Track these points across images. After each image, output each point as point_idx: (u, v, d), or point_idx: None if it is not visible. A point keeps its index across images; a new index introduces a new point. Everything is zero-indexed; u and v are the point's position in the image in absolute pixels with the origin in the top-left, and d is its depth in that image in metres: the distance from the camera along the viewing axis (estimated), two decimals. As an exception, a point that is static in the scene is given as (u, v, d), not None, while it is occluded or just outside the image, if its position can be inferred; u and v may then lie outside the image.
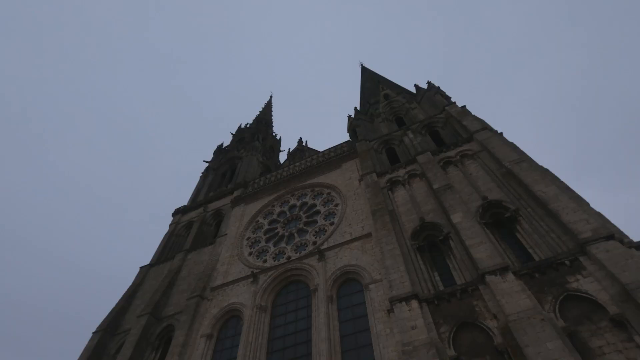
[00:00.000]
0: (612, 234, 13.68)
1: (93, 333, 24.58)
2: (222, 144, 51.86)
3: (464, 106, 28.26)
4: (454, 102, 29.82)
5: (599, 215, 15.40)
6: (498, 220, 18.27)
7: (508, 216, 17.79)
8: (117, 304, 27.06)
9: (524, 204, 17.71)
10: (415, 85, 38.66)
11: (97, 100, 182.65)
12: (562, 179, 18.03)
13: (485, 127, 24.14)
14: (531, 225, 16.67)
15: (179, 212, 36.98)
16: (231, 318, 21.70)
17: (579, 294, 13.00)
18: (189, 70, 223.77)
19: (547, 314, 12.67)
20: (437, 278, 17.08)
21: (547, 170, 19.06)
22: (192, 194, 40.82)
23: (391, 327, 15.55)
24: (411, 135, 28.58)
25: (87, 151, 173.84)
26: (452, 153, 23.94)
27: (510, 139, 22.53)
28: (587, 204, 15.99)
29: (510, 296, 13.43)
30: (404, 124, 32.33)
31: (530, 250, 16.00)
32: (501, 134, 23.58)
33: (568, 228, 14.73)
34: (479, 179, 20.94)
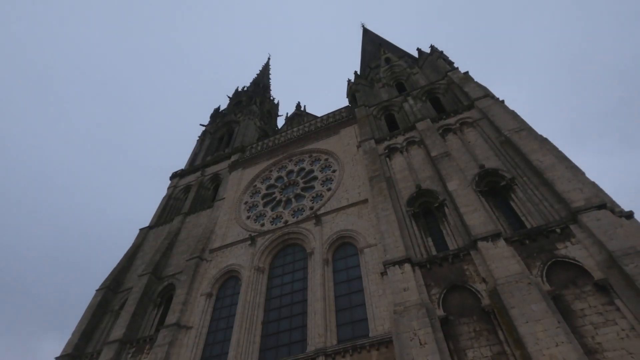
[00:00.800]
0: (604, 204, 13.91)
1: (96, 290, 25.46)
2: (219, 108, 50.97)
3: (467, 72, 27.57)
4: (457, 68, 29.06)
5: (593, 185, 15.58)
6: (493, 188, 18.47)
7: (503, 185, 17.96)
8: (119, 264, 27.81)
9: (520, 172, 17.82)
10: (418, 49, 37.40)
11: (90, 58, 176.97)
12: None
13: (487, 94, 23.71)
14: (526, 194, 16.89)
15: (176, 176, 37.07)
16: (230, 278, 22.44)
17: (567, 260, 13.44)
18: (186, 30, 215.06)
19: (535, 279, 13.17)
20: (431, 243, 17.52)
21: (546, 139, 18.99)
22: (190, 158, 40.70)
23: (384, 289, 16.17)
24: (411, 102, 28.09)
25: (84, 111, 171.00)
26: (451, 120, 23.68)
27: (511, 107, 22.25)
28: (583, 174, 16.11)
29: (500, 261, 13.88)
30: (405, 90, 31.68)
31: (523, 218, 16.32)
32: (502, 101, 23.22)
33: (562, 197, 14.94)
34: (477, 147, 20.90)
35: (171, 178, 37.35)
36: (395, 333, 13.86)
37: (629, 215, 13.68)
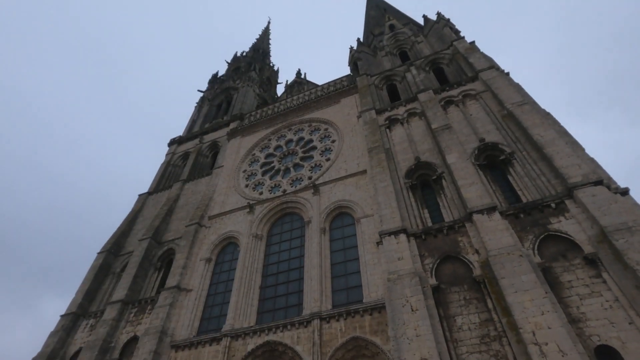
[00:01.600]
0: (601, 180, 14.00)
1: (98, 253, 26.01)
2: (217, 73, 49.70)
3: (473, 42, 26.73)
4: (463, 37, 28.12)
5: (592, 161, 15.60)
6: (492, 162, 18.49)
7: (502, 159, 17.95)
8: (119, 228, 28.23)
9: (519, 147, 17.76)
10: (424, 16, 35.97)
11: (87, 20, 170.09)
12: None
13: (492, 65, 23.13)
14: (524, 169, 16.93)
15: (174, 143, 36.81)
16: (228, 244, 22.89)
17: (559, 234, 13.72)
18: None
19: (526, 251, 13.50)
20: (427, 215, 17.77)
21: (548, 114, 18.79)
22: (188, 125, 40.24)
23: (379, 258, 16.58)
24: (414, 72, 27.43)
25: (84, 74, 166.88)
26: (454, 92, 23.26)
27: (516, 79, 21.79)
28: (583, 150, 16.09)
29: (494, 234, 14.16)
30: (408, 59, 30.84)
31: (519, 192, 16.46)
32: (508, 74, 22.71)
33: (559, 172, 15.00)
34: (479, 120, 20.68)
35: (169, 145, 37.10)
36: (388, 299, 14.38)
37: (624, 192, 13.82)
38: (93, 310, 22.62)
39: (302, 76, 40.11)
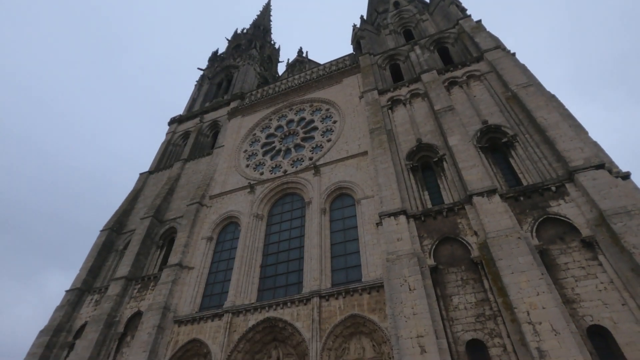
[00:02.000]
0: (603, 164, 13.95)
1: (100, 231, 26.32)
2: (217, 51, 48.77)
3: (479, 21, 26.01)
4: (469, 16, 27.37)
5: (595, 144, 15.52)
6: (494, 144, 18.38)
7: (505, 141, 17.84)
8: (121, 207, 28.44)
9: (522, 129, 17.61)
10: (430, -7, 34.90)
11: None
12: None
13: (498, 45, 22.62)
14: (526, 152, 16.85)
15: (175, 122, 36.56)
16: (229, 224, 23.11)
17: (558, 217, 13.80)
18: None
19: (524, 233, 13.62)
20: (427, 197, 17.83)
21: (553, 96, 18.53)
22: (188, 103, 39.84)
23: (378, 239, 16.76)
24: (418, 51, 26.85)
25: (83, 55, 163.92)
26: (458, 73, 22.85)
27: (522, 60, 21.37)
28: (586, 133, 15.97)
29: (493, 216, 14.25)
30: (413, 38, 30.15)
31: (520, 176, 16.45)
32: (514, 54, 22.24)
33: (561, 156, 14.93)
34: (482, 102, 20.41)
35: (169, 124, 36.87)
36: (386, 279, 14.63)
37: (625, 175, 13.80)
38: (97, 286, 23.11)
39: (304, 55, 39.35)
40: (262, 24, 59.21)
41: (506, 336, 11.83)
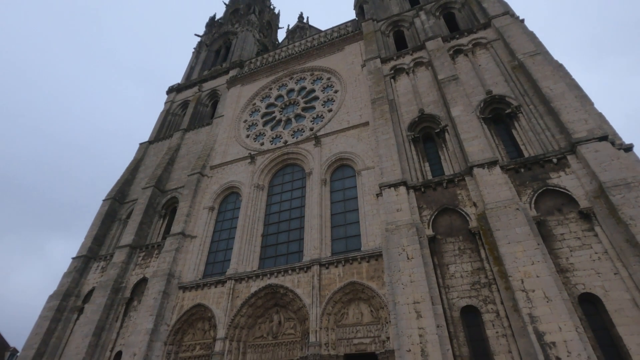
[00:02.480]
0: (606, 135, 13.82)
1: (103, 200, 26.59)
2: (214, 16, 46.98)
3: (489, -16, 24.78)
4: (478, -22, 26.03)
5: (599, 116, 15.29)
6: (497, 115, 18.13)
7: (508, 112, 17.58)
8: (122, 177, 28.55)
9: (527, 100, 17.31)
10: (438, -46, 33.00)
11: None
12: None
13: (507, 11, 21.73)
14: (529, 123, 16.65)
15: (173, 91, 35.91)
16: (231, 194, 23.29)
17: (557, 188, 13.86)
18: None
19: (523, 205, 13.75)
20: (427, 168, 17.83)
21: (560, 65, 18.03)
22: (186, 72, 38.94)
23: (378, 209, 16.95)
24: (423, 17, 25.84)
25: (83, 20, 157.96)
26: (464, 41, 22.11)
27: (530, 26, 20.58)
28: (591, 104, 15.69)
29: (493, 187, 14.32)
30: (418, 3, 28.90)
31: (522, 147, 16.35)
32: (522, 21, 21.40)
33: (565, 127, 14.76)
34: (487, 71, 19.91)
35: (168, 93, 36.23)
36: (385, 248, 14.95)
37: (628, 148, 13.71)
38: (103, 254, 23.68)
39: (305, 21, 37.98)
40: (261, -14, 56.57)
41: (500, 303, 12.26)
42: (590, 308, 11.45)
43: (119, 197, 26.80)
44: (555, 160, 14.46)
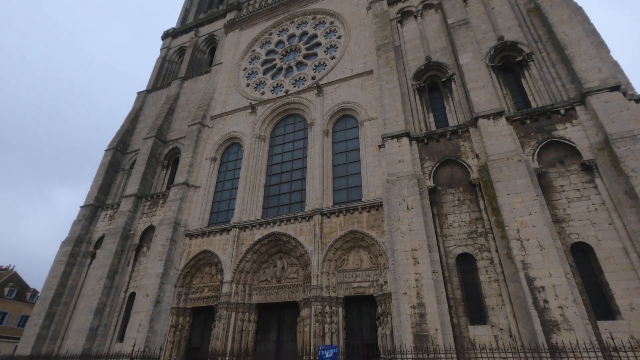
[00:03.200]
0: (619, 85, 13.35)
1: (105, 150, 26.64)
2: (208, -49, 43.16)
3: None
4: None
5: (614, 64, 14.66)
6: (507, 63, 17.41)
7: (519, 60, 16.83)
8: (122, 127, 28.30)
9: (540, 47, 16.48)
10: None
11: None
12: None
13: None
14: (540, 72, 16.01)
15: (168, 36, 34.23)
16: (232, 145, 23.21)
17: (562, 140, 13.71)
18: None
19: (525, 157, 13.71)
20: (431, 119, 17.53)
21: (579, 8, 16.88)
22: (180, 15, 36.82)
23: (379, 160, 16.96)
24: (436, -48, 23.67)
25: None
26: (478, -20, 20.48)
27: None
28: (607, 51, 14.96)
29: (497, 139, 14.18)
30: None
31: (530, 97, 15.90)
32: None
33: (577, 76, 14.21)
34: (501, 14, 18.71)
35: (163, 38, 34.57)
36: (386, 199, 15.22)
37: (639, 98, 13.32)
38: (109, 203, 24.26)
39: (306, -44, 34.88)
40: None
41: (494, 250, 12.74)
42: (581, 256, 11.90)
43: (120, 147, 26.80)
44: (563, 111, 14.13)
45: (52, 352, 18.47)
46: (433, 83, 18.67)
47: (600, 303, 11.03)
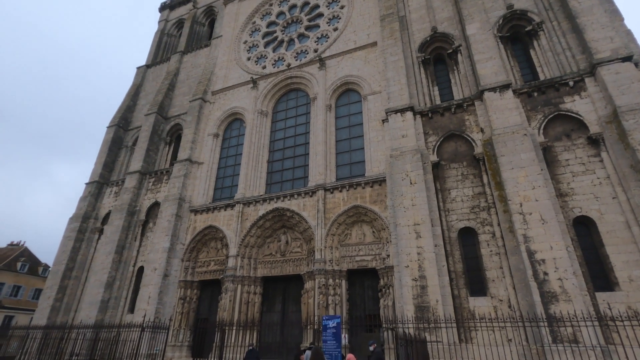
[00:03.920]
0: (631, 55, 12.94)
1: (107, 127, 26.54)
2: None
3: None
4: None
5: (627, 33, 14.12)
6: (516, 34, 16.83)
7: (528, 30, 16.26)
8: (123, 103, 28.04)
9: (551, 16, 15.87)
10: None
11: None
12: None
13: None
14: (550, 42, 15.50)
15: (166, 7, 33.24)
16: (234, 121, 23.02)
17: (569, 113, 13.46)
18: None
19: (531, 130, 13.52)
20: (436, 93, 17.19)
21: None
22: (178, -15, 35.49)
23: (383, 135, 16.82)
24: None
25: None
26: (489, -57, 19.46)
27: None
28: (621, 20, 14.37)
29: (502, 112, 13.95)
30: None
31: (538, 69, 15.48)
32: None
33: (588, 46, 13.76)
34: (511, -19, 17.88)
35: (160, 10, 33.59)
36: (389, 174, 15.21)
37: (652, 69, 12.92)
38: (114, 180, 24.44)
39: None
40: None
41: (496, 225, 12.83)
42: (582, 230, 11.98)
43: (122, 123, 26.67)
44: (571, 83, 13.79)
45: (67, 322, 19.22)
46: (439, 55, 18.18)
47: (599, 275, 11.20)
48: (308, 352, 7.13)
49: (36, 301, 33.62)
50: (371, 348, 7.41)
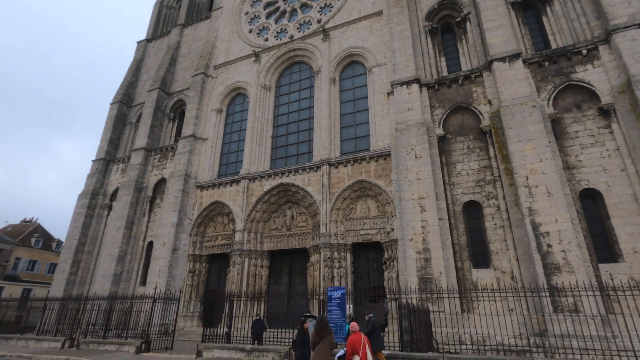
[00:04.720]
0: (649, 21, 12.35)
1: (110, 104, 26.42)
2: None
3: None
4: None
5: (647, -3, 13.40)
6: (529, -1, 16.08)
7: (542, -5, 15.51)
8: (125, 79, 27.74)
9: (566, -21, 15.05)
10: None
11: None
12: None
13: None
14: (564, 7, 14.81)
15: (164, -22, 32.07)
16: (237, 95, 22.74)
17: (581, 83, 13.05)
18: None
19: (540, 102, 13.18)
20: (443, 64, 16.71)
21: None
22: (175, -47, 34.09)
23: (388, 109, 16.55)
24: None
25: None
26: None
27: None
28: (641, -18, 13.60)
29: (512, 83, 13.57)
30: None
31: (550, 37, 14.89)
32: None
33: (604, 11, 13.14)
34: (525, -58, 16.89)
35: (158, -20, 32.43)
36: (394, 148, 15.09)
37: (671, 35, 12.35)
38: (120, 157, 24.60)
39: None
40: None
41: (502, 198, 12.80)
42: (589, 202, 11.90)
43: (125, 100, 26.51)
44: (584, 51, 13.28)
45: (82, 294, 19.98)
46: (447, 24, 17.52)
47: (603, 247, 11.24)
48: (311, 320, 7.39)
49: (51, 275, 34.85)
50: (366, 318, 7.92)
